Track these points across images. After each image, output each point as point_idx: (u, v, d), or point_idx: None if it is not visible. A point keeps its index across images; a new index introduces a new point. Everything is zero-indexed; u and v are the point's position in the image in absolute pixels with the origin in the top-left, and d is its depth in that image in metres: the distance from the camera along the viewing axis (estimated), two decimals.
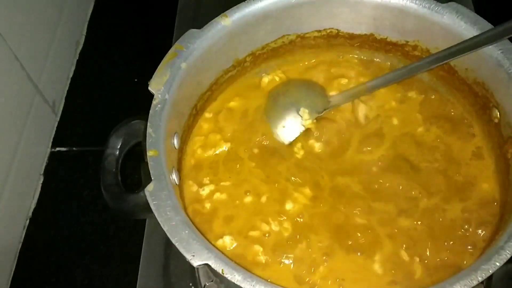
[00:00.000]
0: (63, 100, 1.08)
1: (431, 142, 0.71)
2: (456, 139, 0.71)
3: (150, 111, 0.63)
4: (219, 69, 0.74)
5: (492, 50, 0.65)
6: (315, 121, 0.74)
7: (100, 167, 0.68)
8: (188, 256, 0.54)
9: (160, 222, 0.56)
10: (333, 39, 0.77)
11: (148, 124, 0.62)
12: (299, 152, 0.72)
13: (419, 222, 0.65)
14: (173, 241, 0.55)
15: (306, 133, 0.73)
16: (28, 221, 0.94)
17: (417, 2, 0.69)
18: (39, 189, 0.98)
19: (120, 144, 0.69)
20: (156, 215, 0.56)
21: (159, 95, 0.64)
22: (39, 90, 0.98)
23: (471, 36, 0.66)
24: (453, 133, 0.71)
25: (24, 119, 0.94)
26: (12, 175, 0.90)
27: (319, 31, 0.76)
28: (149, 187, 0.58)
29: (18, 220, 0.93)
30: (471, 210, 0.65)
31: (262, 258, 0.64)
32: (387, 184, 0.68)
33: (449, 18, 0.68)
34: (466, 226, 0.64)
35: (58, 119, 1.06)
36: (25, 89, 0.94)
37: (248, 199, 0.68)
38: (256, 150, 0.72)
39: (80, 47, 1.15)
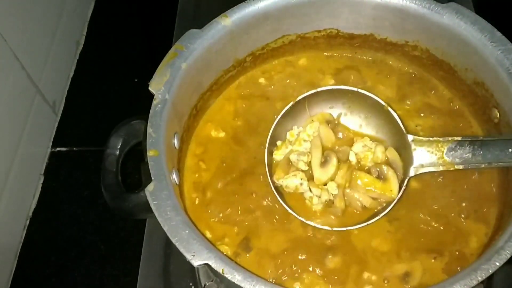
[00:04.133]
0: (63, 100, 1.08)
1: None
2: None
3: (150, 111, 0.63)
4: (219, 69, 0.74)
5: (492, 50, 0.65)
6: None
7: (100, 167, 0.68)
8: (188, 256, 0.54)
9: (160, 222, 0.56)
10: (333, 39, 0.77)
11: (148, 124, 0.62)
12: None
13: None
14: (173, 241, 0.55)
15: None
16: (28, 221, 0.94)
17: (417, 2, 0.69)
18: (39, 189, 0.98)
19: (120, 144, 0.69)
20: (156, 215, 0.56)
21: (159, 95, 0.64)
22: (39, 90, 0.98)
23: (471, 36, 0.66)
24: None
25: (24, 119, 0.94)
26: (13, 175, 0.90)
27: (319, 31, 0.76)
28: (149, 187, 0.58)
29: (18, 220, 0.93)
30: None
31: None
32: None
33: (449, 18, 0.68)
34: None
35: (58, 119, 1.06)
36: (25, 89, 0.94)
37: None
38: None
39: (80, 47, 1.15)
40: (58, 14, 1.06)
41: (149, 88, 0.65)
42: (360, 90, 0.67)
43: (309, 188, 0.66)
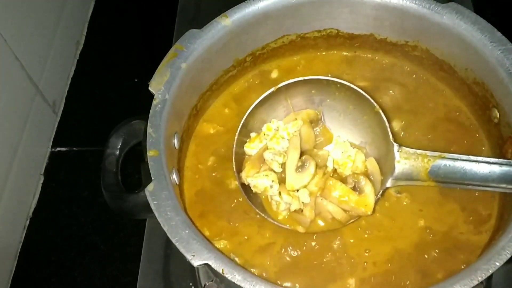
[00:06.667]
0: (63, 100, 1.08)
1: None
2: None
3: (150, 111, 0.63)
4: (219, 69, 0.74)
5: (492, 50, 0.65)
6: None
7: (100, 167, 0.68)
8: (188, 256, 0.54)
9: (160, 222, 0.56)
10: (333, 39, 0.77)
11: (148, 124, 0.62)
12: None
13: None
14: (173, 241, 0.55)
15: None
16: (28, 221, 0.94)
17: (417, 2, 0.69)
18: (39, 189, 0.98)
19: (120, 144, 0.69)
20: (156, 215, 0.56)
21: (159, 95, 0.64)
22: (39, 90, 0.98)
23: (471, 36, 0.66)
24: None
25: (24, 119, 0.94)
26: (13, 175, 0.90)
27: (319, 31, 0.76)
28: (149, 187, 0.58)
29: (18, 220, 0.93)
30: None
31: None
32: None
33: (449, 18, 0.68)
34: None
35: (58, 119, 1.06)
36: (25, 89, 0.94)
37: None
38: None
39: (80, 47, 1.15)
40: (58, 14, 1.06)
41: (149, 88, 0.65)
42: (350, 85, 0.64)
43: (279, 193, 0.62)
